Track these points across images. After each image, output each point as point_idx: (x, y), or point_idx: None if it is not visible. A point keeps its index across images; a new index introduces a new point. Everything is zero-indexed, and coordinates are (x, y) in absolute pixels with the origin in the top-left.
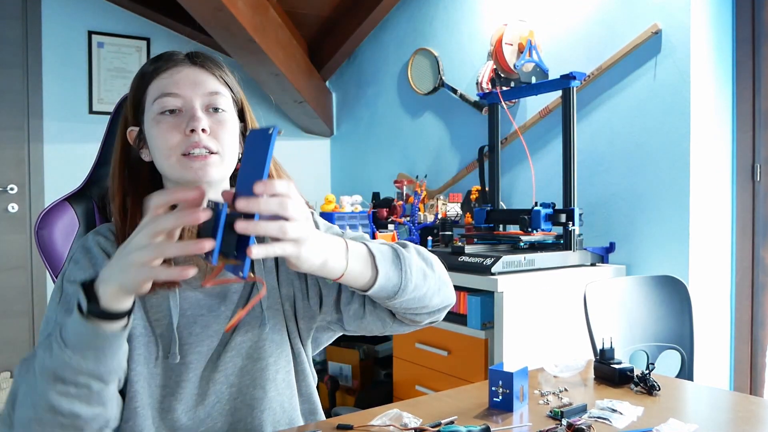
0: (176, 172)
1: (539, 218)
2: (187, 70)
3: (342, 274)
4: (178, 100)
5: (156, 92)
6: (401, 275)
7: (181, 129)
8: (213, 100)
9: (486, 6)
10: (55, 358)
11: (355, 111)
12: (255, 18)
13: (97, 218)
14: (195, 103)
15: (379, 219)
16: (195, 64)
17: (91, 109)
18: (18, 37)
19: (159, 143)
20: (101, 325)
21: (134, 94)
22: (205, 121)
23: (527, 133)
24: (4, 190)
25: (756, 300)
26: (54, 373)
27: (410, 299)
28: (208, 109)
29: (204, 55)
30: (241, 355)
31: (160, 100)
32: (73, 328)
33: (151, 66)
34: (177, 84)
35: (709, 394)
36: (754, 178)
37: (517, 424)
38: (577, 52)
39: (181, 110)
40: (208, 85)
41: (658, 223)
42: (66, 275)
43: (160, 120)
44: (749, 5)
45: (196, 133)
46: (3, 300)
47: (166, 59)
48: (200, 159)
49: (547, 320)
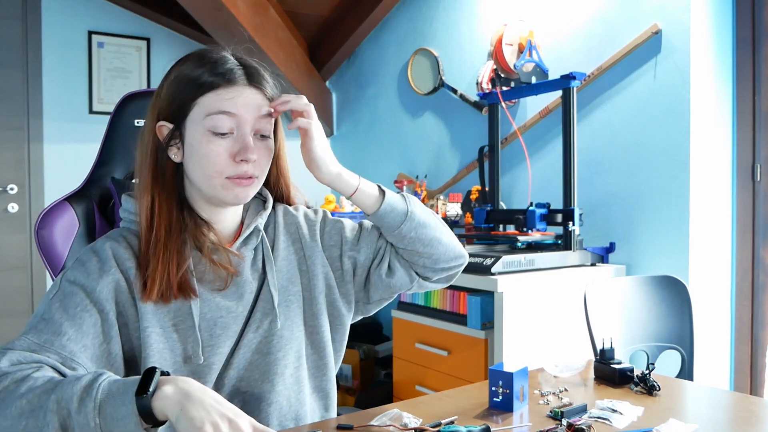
0: (216, 193)
1: (534, 218)
2: (247, 92)
3: (356, 188)
4: (233, 120)
5: (212, 107)
6: (406, 203)
7: (231, 153)
8: (263, 125)
9: (486, 6)
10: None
11: (355, 111)
12: (255, 18)
13: (97, 218)
14: (248, 129)
15: None
16: (252, 82)
17: (91, 109)
18: (18, 37)
19: (205, 162)
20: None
21: (180, 95)
22: (255, 152)
23: (527, 133)
24: (4, 190)
25: (756, 300)
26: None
27: (421, 232)
28: (256, 134)
29: (259, 73)
30: (251, 350)
31: (215, 117)
32: (117, 409)
33: (211, 77)
34: (236, 105)
35: (709, 394)
36: (754, 178)
37: (517, 424)
38: (577, 52)
39: (233, 131)
40: (261, 109)
41: (658, 223)
42: (67, 275)
43: (212, 140)
44: (749, 5)
45: (246, 163)
46: (3, 300)
47: (227, 74)
48: (243, 184)
49: (547, 320)
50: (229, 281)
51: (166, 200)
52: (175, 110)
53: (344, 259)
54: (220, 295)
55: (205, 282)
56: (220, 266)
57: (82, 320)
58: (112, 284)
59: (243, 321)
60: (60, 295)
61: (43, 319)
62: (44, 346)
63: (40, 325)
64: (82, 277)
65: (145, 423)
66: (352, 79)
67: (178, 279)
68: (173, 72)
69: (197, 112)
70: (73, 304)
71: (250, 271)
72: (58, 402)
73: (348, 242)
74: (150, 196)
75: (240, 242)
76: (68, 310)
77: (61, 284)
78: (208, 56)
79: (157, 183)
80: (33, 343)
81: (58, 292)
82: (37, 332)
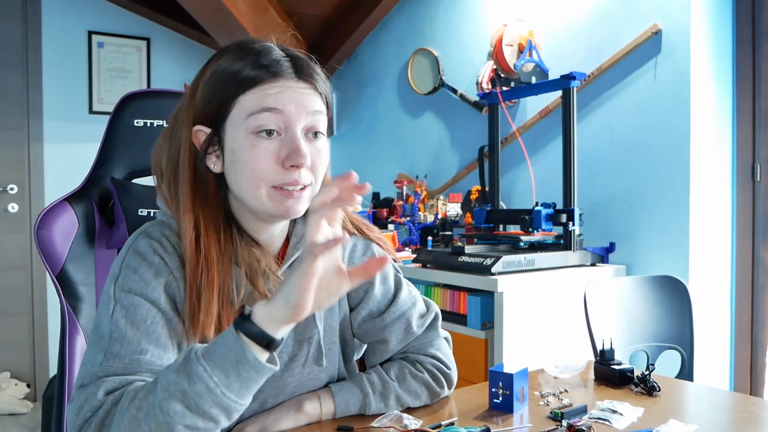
0: (262, 205)
1: (540, 218)
2: (294, 85)
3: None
4: (279, 118)
5: (254, 105)
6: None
7: (278, 158)
8: (315, 122)
9: (486, 6)
10: (196, 382)
11: (355, 111)
12: (255, 18)
13: (96, 218)
14: (298, 128)
15: (379, 219)
16: (301, 76)
17: (91, 109)
18: (18, 37)
19: (248, 170)
20: (259, 353)
21: (219, 93)
22: (309, 156)
23: (528, 133)
24: (4, 190)
25: (756, 300)
26: (187, 401)
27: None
28: (308, 134)
29: (309, 64)
30: (285, 394)
31: (258, 116)
32: (226, 355)
33: (253, 71)
34: (282, 101)
35: (709, 395)
36: (754, 178)
37: (518, 425)
38: (577, 52)
39: (280, 132)
40: (313, 103)
41: (658, 223)
42: (120, 285)
43: (256, 143)
44: (749, 5)
45: (297, 170)
46: (3, 300)
47: (272, 66)
48: (294, 195)
49: (547, 320)
50: None
51: (213, 218)
52: (213, 112)
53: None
54: None
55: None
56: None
57: (158, 335)
58: (168, 290)
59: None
60: (121, 309)
61: (114, 339)
62: (132, 368)
63: (114, 348)
64: (139, 286)
65: (260, 348)
66: (352, 79)
67: (234, 312)
68: (210, 67)
69: (238, 112)
70: (141, 317)
71: None
72: (167, 389)
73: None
74: (194, 215)
75: (286, 266)
76: (139, 326)
77: (117, 296)
78: (250, 47)
79: (200, 198)
80: (120, 368)
81: (116, 305)
82: (116, 356)
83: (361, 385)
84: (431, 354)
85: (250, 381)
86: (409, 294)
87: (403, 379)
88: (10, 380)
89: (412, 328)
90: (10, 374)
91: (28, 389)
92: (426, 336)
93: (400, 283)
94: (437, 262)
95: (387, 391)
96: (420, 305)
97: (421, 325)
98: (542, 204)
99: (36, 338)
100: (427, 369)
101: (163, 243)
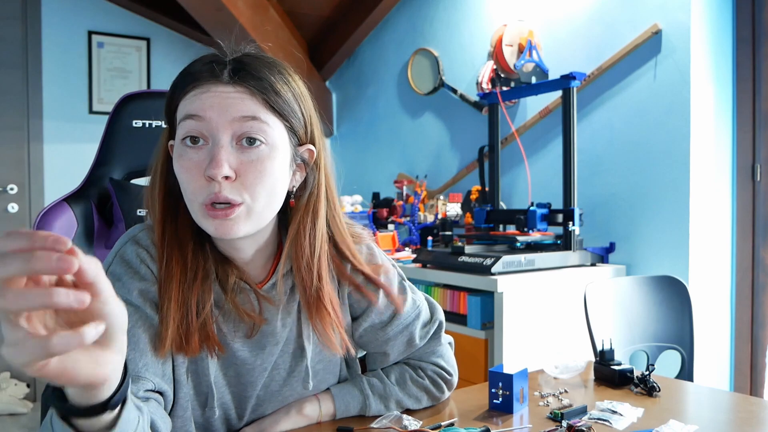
0: (199, 222)
1: (535, 218)
2: (218, 89)
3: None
4: (202, 125)
5: (182, 111)
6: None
7: (202, 169)
8: (247, 128)
9: (486, 6)
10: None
11: (355, 111)
12: (255, 18)
13: (95, 219)
14: (221, 135)
15: (379, 219)
16: (234, 80)
17: (91, 109)
18: (18, 37)
19: (182, 183)
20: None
21: (169, 102)
22: (226, 165)
23: (528, 133)
24: (4, 190)
25: (756, 300)
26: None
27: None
28: (240, 141)
29: (250, 69)
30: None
31: (183, 123)
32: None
33: (183, 76)
34: (203, 103)
35: (709, 395)
36: (754, 178)
37: (518, 425)
38: (577, 52)
39: (207, 140)
40: (242, 107)
41: (658, 223)
42: None
43: (182, 153)
44: (749, 5)
45: (215, 182)
46: None
47: (197, 71)
48: (220, 214)
49: (547, 320)
50: (255, 330)
51: (181, 231)
52: (170, 122)
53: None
54: (241, 343)
55: (227, 327)
56: (244, 313)
57: (137, 338)
58: (152, 298)
59: (266, 376)
60: None
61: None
62: None
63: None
64: (122, 293)
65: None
66: (352, 79)
67: (198, 326)
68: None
69: (178, 118)
70: None
71: (280, 318)
72: None
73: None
74: (161, 227)
75: (270, 284)
76: None
77: None
78: (211, 53)
79: (170, 210)
80: None
81: None
82: None
83: (361, 387)
84: (433, 361)
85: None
86: (413, 304)
87: (404, 384)
88: (10, 380)
89: (414, 341)
90: (10, 374)
91: (28, 389)
92: (429, 345)
93: (405, 293)
94: (437, 262)
95: (387, 394)
96: (424, 314)
97: (424, 336)
98: (537, 204)
99: None
100: (428, 375)
101: (151, 251)
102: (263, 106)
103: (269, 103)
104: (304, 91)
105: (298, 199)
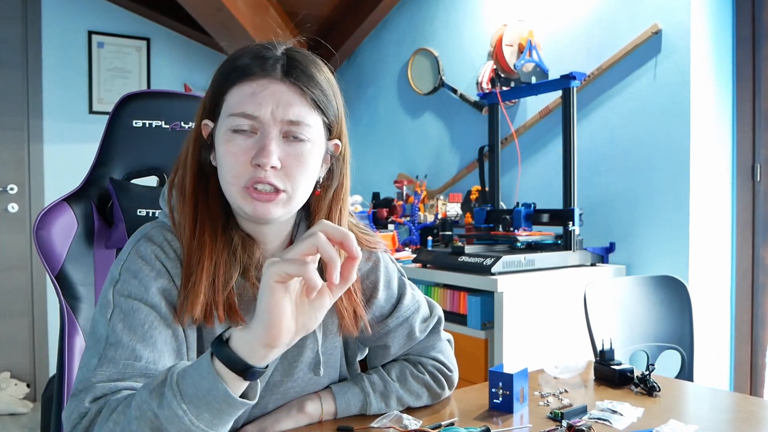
0: (237, 204)
1: (520, 218)
2: (274, 87)
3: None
4: (254, 122)
5: (233, 105)
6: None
7: (249, 156)
8: (296, 129)
9: (486, 6)
10: (165, 407)
11: (355, 111)
12: (255, 18)
13: (95, 219)
14: (272, 130)
15: (379, 219)
16: (287, 78)
17: (91, 109)
18: (18, 37)
19: (224, 166)
20: (233, 383)
21: (215, 88)
22: (275, 156)
23: (528, 133)
24: (4, 190)
25: (756, 300)
26: (157, 423)
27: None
28: (287, 136)
29: (301, 67)
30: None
31: (234, 118)
32: (198, 384)
33: (242, 67)
34: (258, 103)
35: (709, 395)
36: (754, 178)
37: (518, 425)
38: (577, 52)
39: (256, 131)
40: (294, 108)
41: (658, 223)
42: (119, 289)
43: (230, 139)
44: (749, 5)
45: (262, 169)
46: (3, 300)
47: (258, 65)
48: (263, 197)
49: (547, 320)
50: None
51: (209, 209)
52: (212, 106)
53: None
54: None
55: (246, 308)
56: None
57: (155, 340)
58: (168, 297)
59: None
60: (119, 313)
61: (110, 344)
62: (125, 372)
63: (109, 352)
64: (139, 291)
65: (235, 375)
66: (352, 79)
67: (224, 298)
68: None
69: (225, 107)
70: (139, 322)
71: None
72: (140, 407)
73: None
74: (193, 203)
75: None
76: (136, 330)
77: (116, 300)
78: (257, 46)
79: (201, 189)
80: (113, 373)
81: (115, 310)
82: (110, 361)
83: (362, 385)
84: (433, 356)
85: (222, 413)
86: (412, 299)
87: (404, 380)
88: (10, 380)
89: (414, 334)
90: (10, 374)
91: (28, 389)
92: (428, 340)
93: (404, 288)
94: (437, 262)
95: (388, 392)
96: (423, 309)
97: (423, 330)
98: (523, 204)
99: (36, 338)
100: (428, 370)
101: (165, 249)
102: (310, 106)
103: (315, 102)
104: (337, 87)
105: (324, 189)
